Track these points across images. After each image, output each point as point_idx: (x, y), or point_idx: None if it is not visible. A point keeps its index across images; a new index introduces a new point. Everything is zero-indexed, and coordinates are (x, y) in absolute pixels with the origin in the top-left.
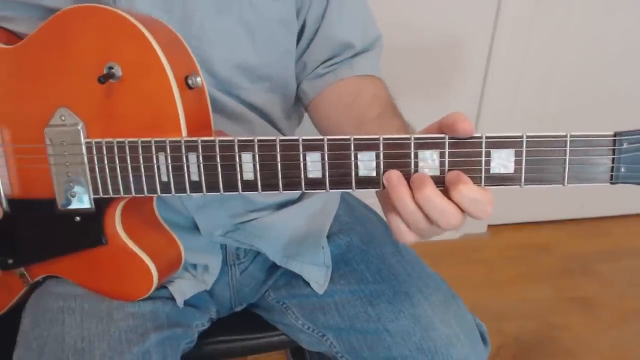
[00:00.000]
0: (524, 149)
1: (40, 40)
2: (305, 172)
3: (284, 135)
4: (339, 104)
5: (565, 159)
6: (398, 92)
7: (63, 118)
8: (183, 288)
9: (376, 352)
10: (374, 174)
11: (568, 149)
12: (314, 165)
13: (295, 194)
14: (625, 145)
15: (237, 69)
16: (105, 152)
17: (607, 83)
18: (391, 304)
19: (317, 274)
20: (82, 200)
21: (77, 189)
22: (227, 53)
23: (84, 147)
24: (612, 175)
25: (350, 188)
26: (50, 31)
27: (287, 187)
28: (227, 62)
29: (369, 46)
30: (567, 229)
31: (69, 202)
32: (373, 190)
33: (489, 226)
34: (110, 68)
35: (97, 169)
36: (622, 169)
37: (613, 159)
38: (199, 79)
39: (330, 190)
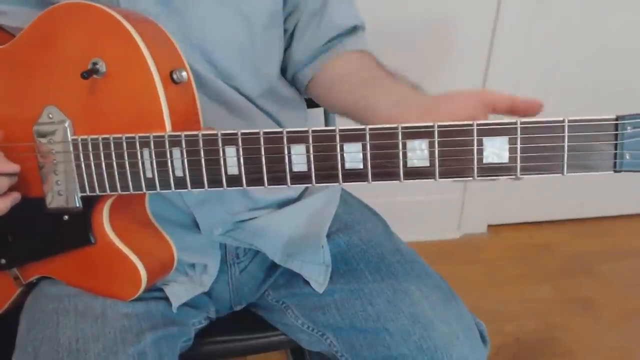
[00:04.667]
0: (519, 136)
1: (28, 39)
2: (290, 166)
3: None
4: (342, 74)
5: (563, 146)
6: None
7: (51, 116)
8: (179, 292)
9: (376, 351)
10: (360, 166)
11: (566, 135)
12: (299, 158)
13: (295, 192)
14: (629, 130)
15: (237, 59)
16: (90, 149)
17: (608, 81)
18: (391, 303)
19: (317, 273)
20: (70, 199)
21: (64, 187)
22: (227, 43)
23: (70, 145)
24: (615, 163)
25: (337, 182)
26: (38, 30)
27: (272, 181)
28: (227, 52)
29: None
30: (568, 228)
31: (57, 201)
32: (373, 189)
33: (489, 226)
34: (95, 64)
35: (83, 166)
36: (627, 156)
37: (616, 144)
38: (184, 74)
39: (317, 185)
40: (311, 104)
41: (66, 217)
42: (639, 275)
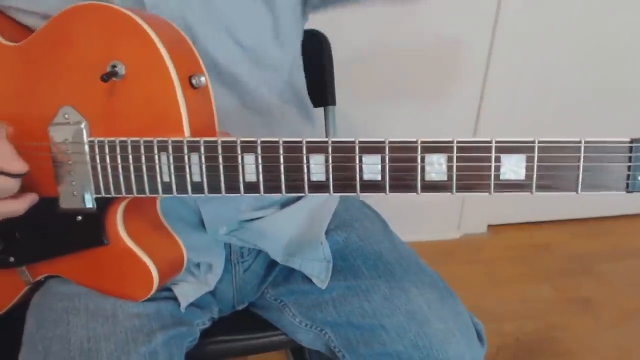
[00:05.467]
0: (536, 154)
1: (45, 38)
2: (308, 175)
3: (299, 131)
4: None
5: (579, 166)
6: (398, 93)
7: (67, 116)
8: (187, 291)
9: (372, 347)
10: (379, 177)
11: (582, 155)
12: (317, 167)
13: None
14: None
15: (260, 39)
16: (107, 151)
17: (608, 81)
18: (387, 300)
19: (318, 270)
20: (84, 200)
21: (79, 188)
22: (250, 24)
23: (86, 146)
24: (628, 184)
25: (355, 192)
26: (55, 29)
27: (290, 189)
28: (250, 31)
29: None
30: (568, 228)
31: (71, 201)
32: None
33: (489, 226)
34: (114, 66)
35: (99, 168)
36: (639, 178)
37: (629, 166)
38: (203, 79)
39: (334, 194)
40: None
41: (79, 217)
42: (639, 275)
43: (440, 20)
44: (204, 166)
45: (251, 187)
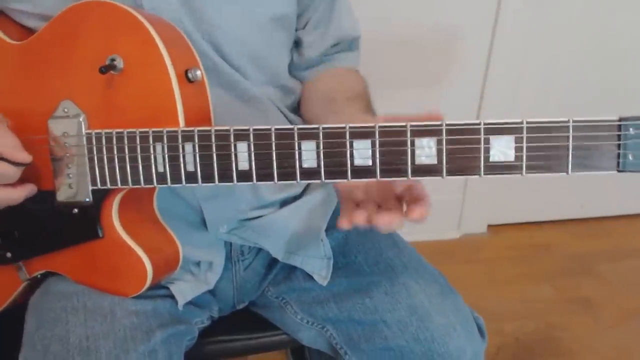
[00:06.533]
0: (525, 135)
1: (48, 36)
2: (300, 162)
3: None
4: (318, 90)
5: (568, 146)
6: (398, 89)
7: (66, 110)
8: (184, 290)
9: (373, 343)
10: (369, 163)
11: (571, 135)
12: (308, 154)
13: (297, 189)
14: (631, 131)
15: (246, 57)
16: (104, 143)
17: (608, 80)
18: (388, 295)
19: (319, 267)
20: (80, 192)
21: (76, 180)
22: (236, 41)
23: (84, 138)
24: (618, 163)
25: (346, 178)
26: (57, 27)
27: (282, 177)
28: (236, 50)
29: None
30: (568, 228)
31: (67, 194)
32: None
33: (489, 226)
34: (112, 60)
35: (96, 159)
36: (630, 157)
37: (619, 145)
38: (199, 73)
39: (326, 181)
40: None
41: (76, 210)
42: (639, 275)
43: (440, 20)
44: (197, 155)
45: (244, 176)
